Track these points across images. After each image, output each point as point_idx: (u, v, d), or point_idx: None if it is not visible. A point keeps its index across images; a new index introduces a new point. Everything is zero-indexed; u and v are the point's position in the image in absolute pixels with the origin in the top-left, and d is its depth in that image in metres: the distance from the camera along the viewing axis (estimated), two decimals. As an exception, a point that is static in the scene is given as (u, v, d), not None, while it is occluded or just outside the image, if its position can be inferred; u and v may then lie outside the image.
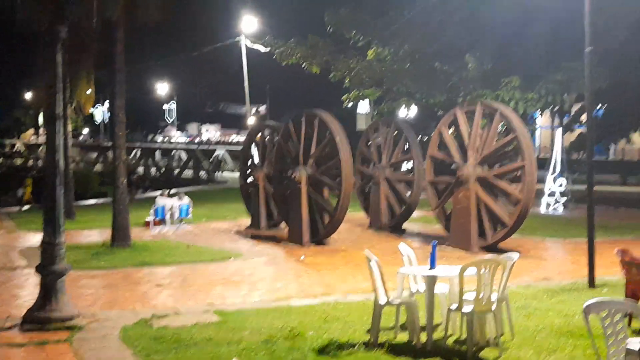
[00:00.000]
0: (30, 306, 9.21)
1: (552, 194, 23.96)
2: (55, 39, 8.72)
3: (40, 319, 8.91)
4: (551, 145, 25.96)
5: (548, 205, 23.98)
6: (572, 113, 27.06)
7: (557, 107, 24.56)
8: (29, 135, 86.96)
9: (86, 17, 8.78)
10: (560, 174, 23.87)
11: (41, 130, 76.98)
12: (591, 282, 11.30)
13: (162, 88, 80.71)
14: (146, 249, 16.17)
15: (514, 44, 22.29)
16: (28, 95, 53.16)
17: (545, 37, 21.73)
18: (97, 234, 19.01)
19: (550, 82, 20.79)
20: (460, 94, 22.05)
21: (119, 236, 16.32)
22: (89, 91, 29.89)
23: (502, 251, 14.72)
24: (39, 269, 9.19)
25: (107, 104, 71.26)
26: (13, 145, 69.62)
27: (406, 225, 19.69)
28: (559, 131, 24.97)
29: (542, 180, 21.86)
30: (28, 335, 8.57)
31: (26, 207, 29.40)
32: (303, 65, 24.44)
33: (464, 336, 7.94)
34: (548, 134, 40.10)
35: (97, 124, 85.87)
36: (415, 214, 20.25)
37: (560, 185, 23.84)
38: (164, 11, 16.13)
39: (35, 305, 9.11)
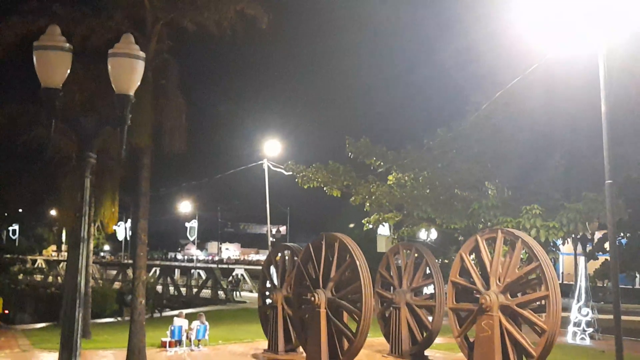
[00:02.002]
0: None
1: (578, 324, 23.40)
2: (85, 166, 8.98)
3: None
4: (575, 272, 25.57)
5: (574, 334, 23.36)
6: (595, 241, 26.81)
7: (579, 235, 24.39)
8: (50, 251, 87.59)
9: (115, 145, 9.06)
10: (585, 303, 23.40)
11: (63, 247, 77.67)
12: (623, 421, 10.80)
13: (184, 207, 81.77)
14: (161, 372, 15.87)
15: (532, 172, 22.57)
16: (52, 212, 54.14)
17: (563, 167, 22.02)
18: (112, 355, 18.74)
19: (571, 211, 20.80)
20: (481, 220, 22.08)
21: (135, 359, 16.05)
22: (112, 210, 30.40)
23: (527, 384, 14.24)
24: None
25: (129, 222, 72.20)
26: (34, 262, 69.94)
27: (428, 352, 19.19)
28: (582, 259, 24.72)
29: (566, 309, 21.38)
30: None
31: None
32: (324, 189, 24.80)
33: None
34: (571, 261, 39.55)
35: (119, 240, 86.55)
36: (438, 340, 19.78)
37: (586, 314, 23.32)
38: (189, 140, 16.72)
39: None
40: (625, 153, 19.07)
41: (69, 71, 8.50)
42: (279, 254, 20.57)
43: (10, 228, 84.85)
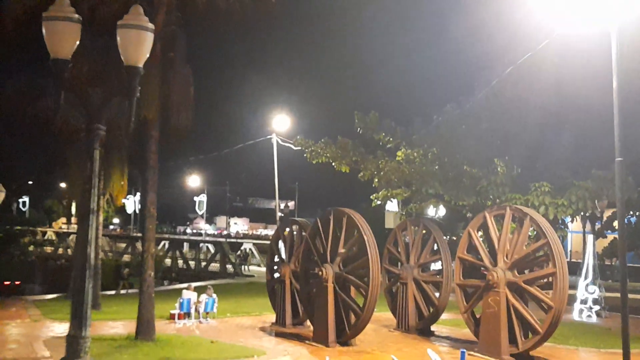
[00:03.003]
0: (51, 401, 9.07)
1: (584, 301, 23.45)
2: (93, 138, 8.97)
3: (59, 415, 8.73)
4: (583, 250, 25.51)
5: (581, 312, 23.42)
6: (604, 219, 26.71)
7: (588, 213, 24.31)
8: (59, 223, 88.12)
9: (123, 117, 9.04)
10: (593, 281, 23.43)
11: (73, 219, 78.18)
12: (628, 398, 10.84)
13: (193, 181, 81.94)
14: (170, 343, 15.99)
15: (541, 151, 22.47)
16: (62, 185, 54.42)
17: (573, 145, 21.91)
18: (121, 326, 18.91)
19: (580, 189, 20.72)
20: (489, 197, 22.03)
21: (143, 329, 16.20)
22: (121, 183, 30.46)
23: (533, 360, 14.31)
24: (63, 363, 9.07)
25: (138, 195, 72.43)
26: (44, 234, 70.44)
27: (434, 327, 19.29)
28: (591, 237, 24.65)
29: (573, 286, 21.41)
30: None
31: None
32: (333, 164, 24.75)
33: None
34: (580, 239, 39.47)
35: (128, 213, 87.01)
36: (444, 316, 19.85)
37: (593, 292, 23.36)
38: (197, 114, 16.67)
39: (56, 401, 8.96)
40: (635, 132, 18.93)
41: (78, 42, 8.47)
42: (287, 229, 20.63)
43: (20, 200, 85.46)
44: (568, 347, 17.04)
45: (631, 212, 26.16)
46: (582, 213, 23.35)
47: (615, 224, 24.04)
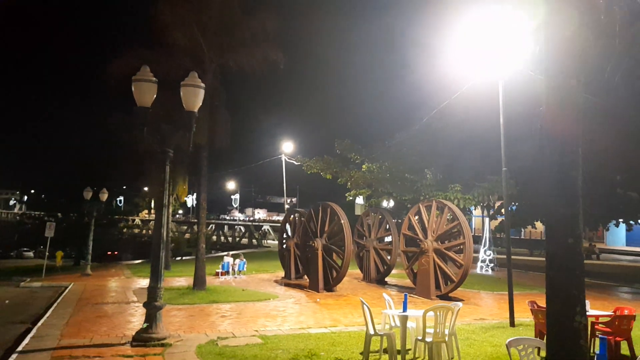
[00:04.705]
0: (138, 329, 9.03)
1: (484, 261, 23.55)
2: (165, 157, 8.98)
3: (144, 338, 8.71)
4: (482, 227, 25.61)
5: (481, 268, 23.51)
6: (496, 207, 26.83)
7: (485, 204, 24.42)
8: (143, 214, 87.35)
9: (184, 143, 9.03)
10: (488, 248, 23.54)
11: (152, 211, 77.59)
12: (512, 323, 10.88)
13: (230, 185, 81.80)
14: (215, 291, 15.92)
15: (456, 163, 22.57)
16: (145, 188, 54.22)
17: (476, 159, 22.04)
18: (184, 280, 18.81)
19: (480, 188, 20.84)
20: (422, 194, 22.11)
21: (198, 282, 16.11)
22: (184, 187, 30.35)
23: (451, 299, 14.35)
24: (145, 305, 9.05)
25: (195, 194, 72.00)
26: (133, 220, 69.88)
27: (388, 279, 19.27)
28: (487, 219, 24.79)
29: (476, 251, 21.49)
30: (135, 349, 8.35)
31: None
32: (321, 173, 24.79)
33: (426, 358, 7.62)
34: (480, 220, 39.71)
35: (188, 207, 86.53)
36: (394, 271, 19.86)
37: (489, 255, 23.47)
38: (232, 140, 16.67)
39: (141, 329, 8.93)
40: (518, 150, 19.08)
41: (155, 95, 8.46)
42: (292, 216, 20.59)
43: (118, 198, 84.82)
44: (473, 291, 17.09)
45: (512, 203, 26.28)
46: (481, 204, 23.47)
47: (503, 210, 24.17)
